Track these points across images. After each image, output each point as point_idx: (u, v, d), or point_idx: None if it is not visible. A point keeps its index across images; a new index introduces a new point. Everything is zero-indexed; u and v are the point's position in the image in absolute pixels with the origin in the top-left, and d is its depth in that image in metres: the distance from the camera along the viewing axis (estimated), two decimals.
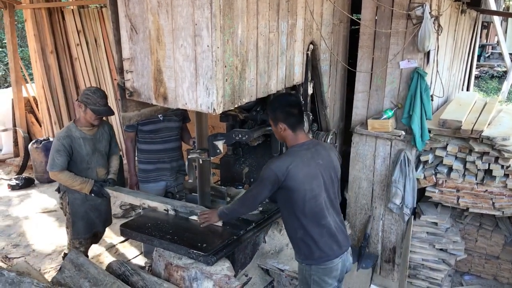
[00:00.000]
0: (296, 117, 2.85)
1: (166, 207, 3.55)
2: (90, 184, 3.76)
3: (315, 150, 2.86)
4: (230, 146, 4.06)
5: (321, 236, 2.82)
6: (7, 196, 6.61)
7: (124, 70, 3.06)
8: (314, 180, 2.78)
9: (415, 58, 3.88)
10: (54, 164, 3.66)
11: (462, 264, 4.48)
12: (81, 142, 3.75)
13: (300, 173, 2.73)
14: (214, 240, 3.20)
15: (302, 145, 2.84)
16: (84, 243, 4.04)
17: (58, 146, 3.66)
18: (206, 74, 2.66)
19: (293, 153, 2.82)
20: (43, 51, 7.24)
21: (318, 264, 2.86)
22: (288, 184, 2.71)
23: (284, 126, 2.83)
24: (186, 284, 3.10)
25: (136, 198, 3.71)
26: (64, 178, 3.72)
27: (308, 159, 2.79)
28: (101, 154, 3.93)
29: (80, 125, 3.78)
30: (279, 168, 2.72)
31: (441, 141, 4.03)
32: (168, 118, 4.18)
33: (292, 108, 2.84)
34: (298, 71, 3.54)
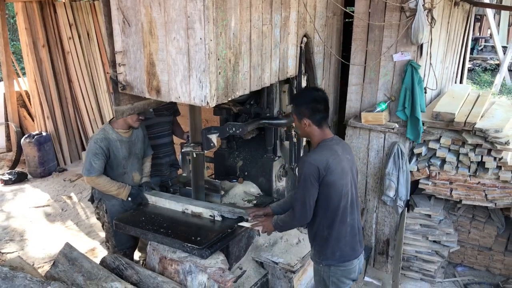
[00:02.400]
0: (322, 113, 2.75)
1: (212, 213, 3.40)
2: (127, 189, 3.58)
3: (343, 145, 2.80)
4: (224, 140, 4.06)
5: (345, 235, 2.77)
6: (0, 191, 6.57)
7: (117, 64, 3.02)
8: (346, 175, 2.72)
9: (409, 51, 3.89)
10: (91, 168, 3.43)
11: (455, 256, 4.51)
12: (118, 145, 3.55)
13: (338, 167, 2.65)
14: (208, 233, 3.21)
15: (331, 140, 2.76)
16: (129, 253, 3.82)
17: (95, 149, 3.44)
18: (199, 67, 2.64)
19: (327, 147, 2.72)
20: (34, 45, 7.16)
21: (338, 265, 2.81)
22: (329, 178, 2.62)
23: (308, 121, 2.74)
24: (180, 277, 3.10)
25: (178, 204, 3.55)
26: (102, 183, 3.50)
27: (341, 153, 2.72)
28: (137, 158, 3.76)
29: (117, 127, 3.58)
30: (320, 162, 2.61)
31: (434, 133, 4.04)
32: (159, 113, 4.16)
33: (318, 104, 2.74)
34: (291, 64, 3.53)
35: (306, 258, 3.62)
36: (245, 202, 3.70)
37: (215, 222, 3.39)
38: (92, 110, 7.78)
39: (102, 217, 3.76)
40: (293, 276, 3.48)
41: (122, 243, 3.74)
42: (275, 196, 3.88)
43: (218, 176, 4.09)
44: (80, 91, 7.60)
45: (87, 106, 7.72)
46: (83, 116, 7.74)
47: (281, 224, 2.91)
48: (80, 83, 7.58)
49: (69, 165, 7.64)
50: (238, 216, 3.31)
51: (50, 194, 6.46)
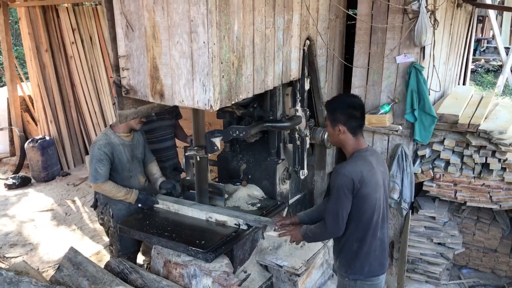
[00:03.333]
0: (358, 120, 2.63)
1: (237, 221, 3.33)
2: (135, 194, 3.57)
3: (377, 157, 2.69)
4: (227, 143, 4.06)
5: (374, 250, 2.67)
6: (4, 196, 6.58)
7: (120, 68, 3.04)
8: (380, 188, 2.61)
9: (412, 53, 3.88)
10: (97, 175, 3.43)
11: (460, 258, 4.49)
12: (121, 149, 3.56)
13: (373, 179, 2.55)
14: (212, 237, 3.21)
15: (366, 150, 2.64)
16: (133, 257, 3.84)
17: (99, 155, 3.43)
18: (202, 71, 2.65)
19: (361, 158, 2.60)
20: (38, 50, 7.20)
21: (365, 280, 2.71)
22: (363, 191, 2.51)
23: (343, 128, 2.61)
24: (185, 281, 3.10)
25: (202, 212, 3.47)
26: (108, 189, 3.50)
27: (375, 165, 2.60)
28: (139, 161, 3.77)
29: (118, 131, 3.60)
30: (355, 174, 2.50)
31: (438, 135, 4.03)
32: (161, 117, 4.16)
33: (354, 110, 2.62)
34: (294, 66, 3.53)
35: (310, 261, 3.62)
36: (249, 205, 3.70)
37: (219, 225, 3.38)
38: (95, 114, 7.80)
39: (107, 222, 3.75)
40: (298, 279, 3.48)
41: (127, 247, 3.74)
42: (279, 199, 3.87)
43: (222, 180, 4.09)
44: (83, 95, 7.62)
45: (90, 110, 7.74)
46: (86, 120, 7.76)
47: (310, 235, 2.80)
48: (83, 87, 7.60)
49: (73, 169, 7.66)
50: (263, 224, 3.25)
51: (54, 199, 6.47)
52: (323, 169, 4.58)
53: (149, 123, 4.07)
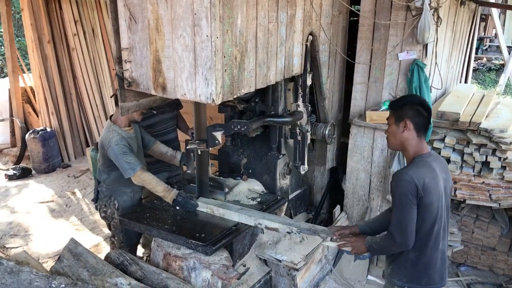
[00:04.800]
0: (425, 120, 2.47)
1: (290, 229, 3.10)
2: (174, 193, 3.42)
3: (440, 163, 2.51)
4: (229, 137, 4.06)
5: (436, 262, 2.49)
6: (5, 186, 6.59)
7: (123, 60, 3.04)
8: (441, 197, 2.43)
9: (414, 50, 3.88)
10: (131, 165, 3.36)
11: (458, 255, 4.51)
12: (130, 142, 3.56)
13: (436, 187, 2.38)
14: (212, 230, 3.22)
15: (429, 155, 2.47)
16: (133, 249, 3.86)
17: (121, 149, 3.39)
18: (205, 64, 2.65)
19: (424, 163, 2.43)
20: (40, 41, 7.18)
21: None
22: (426, 200, 2.34)
23: (410, 124, 2.43)
24: (184, 274, 3.12)
25: (250, 218, 3.25)
26: (148, 179, 3.40)
27: (439, 172, 2.43)
28: (141, 152, 3.77)
29: (121, 126, 3.59)
30: (418, 180, 2.33)
31: (439, 133, 4.04)
32: (162, 110, 4.17)
33: (423, 109, 2.46)
34: (297, 62, 3.53)
35: (309, 256, 3.63)
36: (249, 199, 3.71)
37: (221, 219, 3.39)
38: (97, 106, 7.79)
39: (110, 214, 3.74)
40: (296, 274, 3.49)
41: (131, 239, 3.75)
42: (279, 194, 3.88)
43: (222, 174, 4.10)
44: (84, 87, 7.61)
45: (92, 103, 7.73)
46: (88, 112, 7.75)
47: (376, 247, 2.57)
48: (84, 80, 7.59)
49: (73, 161, 7.66)
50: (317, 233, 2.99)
51: (54, 190, 6.49)
52: (323, 165, 4.59)
53: (150, 117, 4.07)
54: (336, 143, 4.65)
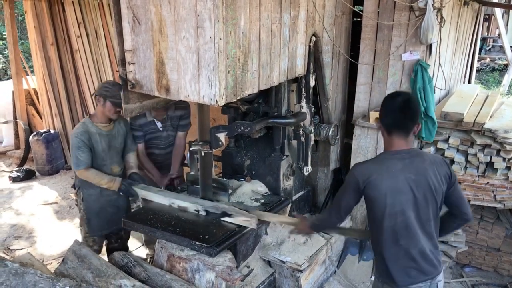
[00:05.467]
0: (396, 120, 2.45)
1: (196, 207, 3.43)
2: (118, 182, 3.67)
3: (410, 162, 2.45)
4: (232, 138, 4.06)
5: (396, 258, 2.49)
6: (8, 188, 6.61)
7: (126, 62, 3.04)
8: (399, 195, 2.42)
9: (418, 50, 3.87)
10: (79, 162, 3.55)
11: (462, 256, 4.49)
12: (97, 138, 3.63)
13: (383, 184, 2.41)
14: (216, 231, 3.21)
15: (395, 153, 2.47)
16: (98, 241, 3.94)
17: (77, 143, 3.54)
18: (208, 66, 2.65)
19: (380, 161, 2.52)
20: (43, 43, 7.19)
21: (391, 286, 2.55)
22: (368, 193, 2.45)
23: (379, 125, 2.53)
24: (188, 275, 3.11)
25: (166, 198, 3.58)
26: (92, 176, 3.62)
27: (396, 170, 2.42)
28: (117, 151, 3.81)
29: (96, 121, 3.67)
30: (361, 174, 2.47)
31: (442, 133, 4.03)
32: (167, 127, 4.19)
33: (396, 110, 2.44)
34: (300, 63, 3.53)
35: (313, 257, 3.63)
36: (252, 200, 3.71)
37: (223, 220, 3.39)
38: None
39: (79, 204, 3.89)
40: (300, 276, 3.50)
41: (93, 231, 3.85)
42: (283, 195, 3.88)
43: (226, 175, 4.10)
44: (88, 89, 7.61)
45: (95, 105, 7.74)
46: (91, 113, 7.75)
47: (317, 223, 2.87)
48: (88, 82, 7.60)
49: None
50: (221, 211, 3.33)
51: (58, 192, 6.50)
52: (327, 166, 4.59)
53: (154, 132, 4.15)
54: (340, 144, 4.64)
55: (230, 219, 3.28)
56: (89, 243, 3.84)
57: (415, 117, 2.48)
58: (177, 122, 4.21)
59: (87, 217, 3.79)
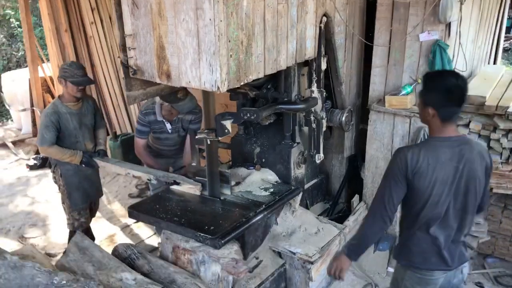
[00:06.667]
0: (453, 107, 2.28)
1: (149, 176, 3.63)
2: (79, 156, 3.88)
3: (459, 151, 2.29)
4: (241, 126, 3.93)
5: (423, 243, 2.41)
6: (26, 176, 6.65)
7: (127, 47, 2.94)
8: (443, 185, 2.28)
9: (436, 30, 3.65)
10: (43, 139, 3.77)
11: (485, 246, 4.28)
12: (68, 117, 3.84)
13: (432, 174, 2.26)
14: (222, 222, 3.10)
15: (446, 140, 2.30)
16: (84, 213, 4.17)
17: (46, 122, 3.76)
18: (209, 50, 2.52)
19: (431, 147, 2.30)
20: (57, 30, 7.17)
21: (414, 271, 2.47)
22: (414, 183, 2.27)
23: (434, 113, 2.27)
24: (193, 267, 3.02)
25: (122, 168, 3.82)
26: (53, 152, 3.84)
27: (446, 159, 2.27)
28: (88, 128, 4.03)
29: (65, 101, 3.86)
30: (411, 160, 2.25)
31: (463, 118, 3.81)
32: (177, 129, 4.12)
33: (453, 96, 2.25)
34: (310, 45, 3.35)
35: (325, 248, 3.50)
36: (261, 189, 3.58)
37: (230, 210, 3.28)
38: (115, 95, 7.73)
39: (58, 180, 4.09)
40: (311, 267, 3.37)
41: (76, 204, 4.09)
42: (293, 183, 3.74)
43: (235, 163, 3.98)
44: (103, 75, 7.56)
45: (110, 91, 7.68)
46: (106, 101, 7.72)
47: (354, 242, 2.49)
48: (103, 68, 7.54)
49: None
50: (172, 180, 3.52)
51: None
52: (341, 153, 4.42)
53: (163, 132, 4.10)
54: (355, 130, 4.46)
55: (178, 187, 3.51)
56: (75, 217, 4.12)
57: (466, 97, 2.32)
58: (187, 126, 4.12)
59: (68, 191, 4.03)
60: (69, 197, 4.07)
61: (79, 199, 4.09)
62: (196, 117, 4.07)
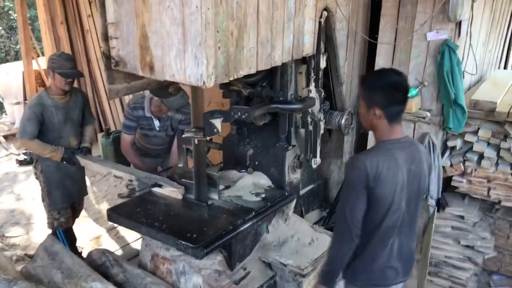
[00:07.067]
0: (399, 105, 2.19)
1: (130, 177, 3.45)
2: (60, 152, 3.68)
3: (410, 152, 2.23)
4: (234, 125, 3.68)
5: (380, 257, 2.29)
6: (14, 172, 6.45)
7: (109, 36, 2.71)
8: (401, 190, 2.20)
9: (445, 29, 3.39)
10: (24, 132, 3.58)
11: (491, 263, 4.02)
12: (53, 110, 3.64)
13: (393, 179, 2.15)
14: (207, 230, 2.85)
15: (397, 142, 2.21)
16: (64, 213, 3.94)
17: (29, 114, 3.57)
18: (195, 40, 2.28)
19: (385, 151, 2.19)
20: (52, 22, 6.98)
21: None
22: (376, 192, 2.14)
23: (380, 113, 2.17)
24: (173, 278, 2.79)
25: (104, 167, 3.64)
26: (34, 146, 3.67)
27: (402, 162, 2.18)
28: (74, 124, 3.82)
29: (52, 93, 3.66)
30: (370, 168, 2.11)
31: (472, 124, 3.57)
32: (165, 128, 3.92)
33: (398, 93, 2.17)
34: (308, 41, 3.10)
35: (318, 260, 3.23)
36: (252, 195, 3.33)
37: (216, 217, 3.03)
38: None
39: (38, 176, 3.90)
40: (303, 281, 3.11)
41: (56, 203, 3.88)
42: (288, 189, 3.48)
43: (227, 165, 3.73)
44: (99, 71, 7.35)
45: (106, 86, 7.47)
46: (101, 96, 7.50)
47: (327, 267, 2.38)
48: (99, 63, 7.32)
49: None
50: (155, 182, 3.32)
51: None
52: (340, 158, 4.17)
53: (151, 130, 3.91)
54: (355, 134, 4.20)
55: (160, 190, 3.27)
56: (54, 216, 3.91)
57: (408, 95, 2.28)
58: (176, 125, 3.93)
59: (47, 189, 3.84)
60: (49, 195, 3.87)
61: (59, 197, 3.88)
62: (186, 118, 3.84)
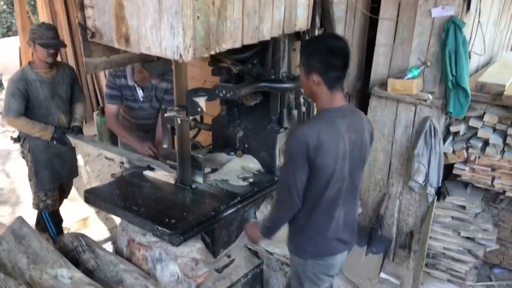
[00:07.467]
0: (338, 71, 2.12)
1: (121, 159, 3.26)
2: (50, 131, 3.50)
3: (351, 120, 2.19)
4: (224, 105, 3.47)
5: (326, 228, 2.28)
6: (7, 149, 6.30)
7: (85, 5, 2.52)
8: (343, 159, 2.15)
9: (452, 5, 3.16)
10: (9, 109, 3.39)
11: (492, 256, 3.84)
12: (37, 85, 3.45)
13: (333, 148, 2.10)
14: (187, 215, 2.67)
15: (339, 110, 2.16)
16: (51, 195, 3.80)
17: (12, 89, 3.38)
18: (170, 9, 2.09)
19: (327, 119, 2.14)
20: None
21: (315, 259, 2.35)
22: (317, 162, 2.09)
23: (318, 79, 2.11)
24: (148, 265, 2.62)
25: (95, 148, 3.44)
26: (21, 124, 3.50)
27: (343, 130, 2.13)
28: (62, 100, 3.63)
29: (35, 67, 3.47)
30: (311, 138, 2.06)
31: (477, 108, 3.35)
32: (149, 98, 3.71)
33: (335, 58, 2.10)
34: (302, 14, 2.87)
35: None
36: (240, 179, 3.14)
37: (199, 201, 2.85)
38: None
39: (26, 155, 3.75)
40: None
41: (43, 183, 3.73)
42: (278, 174, 3.29)
43: (216, 148, 3.54)
44: None
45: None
46: (100, 76, 7.32)
47: (268, 224, 2.41)
48: None
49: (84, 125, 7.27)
50: (146, 164, 3.16)
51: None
52: None
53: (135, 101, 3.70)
54: None
55: (152, 173, 3.09)
56: (41, 198, 3.77)
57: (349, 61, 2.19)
58: (161, 96, 3.71)
59: (35, 169, 3.67)
60: (36, 175, 3.70)
61: (47, 178, 3.72)
62: (172, 86, 3.61)
